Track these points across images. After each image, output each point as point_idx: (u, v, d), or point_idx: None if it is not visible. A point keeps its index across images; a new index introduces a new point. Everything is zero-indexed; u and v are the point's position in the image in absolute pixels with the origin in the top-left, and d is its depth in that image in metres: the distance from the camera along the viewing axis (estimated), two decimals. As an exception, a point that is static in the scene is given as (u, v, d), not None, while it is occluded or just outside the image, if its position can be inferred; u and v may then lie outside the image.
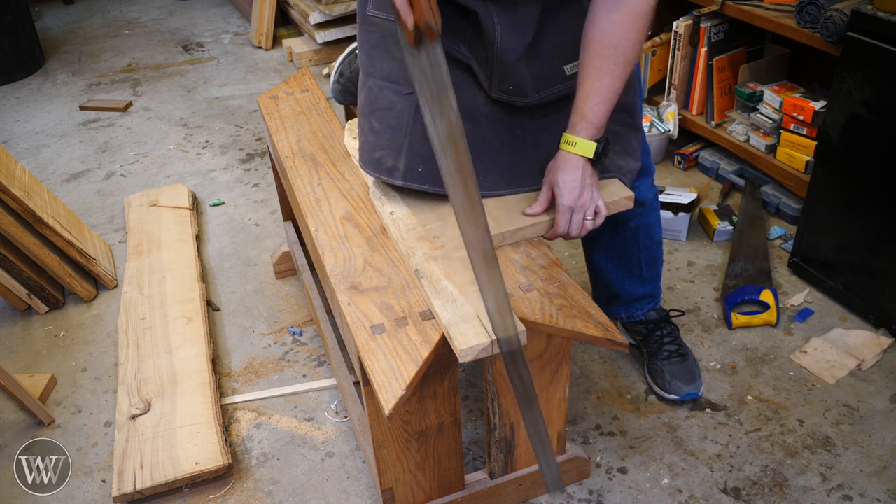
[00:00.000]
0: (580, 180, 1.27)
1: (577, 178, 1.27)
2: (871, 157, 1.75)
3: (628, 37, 1.22)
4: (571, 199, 1.28)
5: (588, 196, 1.29)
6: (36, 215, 2.03)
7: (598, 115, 1.26)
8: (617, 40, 1.22)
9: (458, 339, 1.11)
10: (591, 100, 1.25)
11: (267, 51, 3.80)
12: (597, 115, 1.25)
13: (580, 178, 1.27)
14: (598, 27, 1.22)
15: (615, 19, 1.21)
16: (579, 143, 1.26)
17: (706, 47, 2.36)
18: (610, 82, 1.24)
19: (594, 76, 1.24)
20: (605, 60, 1.23)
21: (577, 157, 1.27)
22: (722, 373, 1.78)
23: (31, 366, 1.94)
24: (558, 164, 1.29)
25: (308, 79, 2.02)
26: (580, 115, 1.26)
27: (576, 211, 1.29)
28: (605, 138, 1.28)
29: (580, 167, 1.27)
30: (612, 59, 1.23)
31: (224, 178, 2.73)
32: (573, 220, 1.30)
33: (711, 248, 2.19)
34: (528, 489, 1.50)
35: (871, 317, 1.88)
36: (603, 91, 1.24)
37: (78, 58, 3.87)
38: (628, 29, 1.22)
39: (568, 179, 1.27)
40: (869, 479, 1.52)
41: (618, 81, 1.25)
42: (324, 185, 1.54)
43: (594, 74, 1.24)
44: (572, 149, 1.27)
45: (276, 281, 2.19)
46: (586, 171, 1.28)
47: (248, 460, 1.65)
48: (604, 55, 1.23)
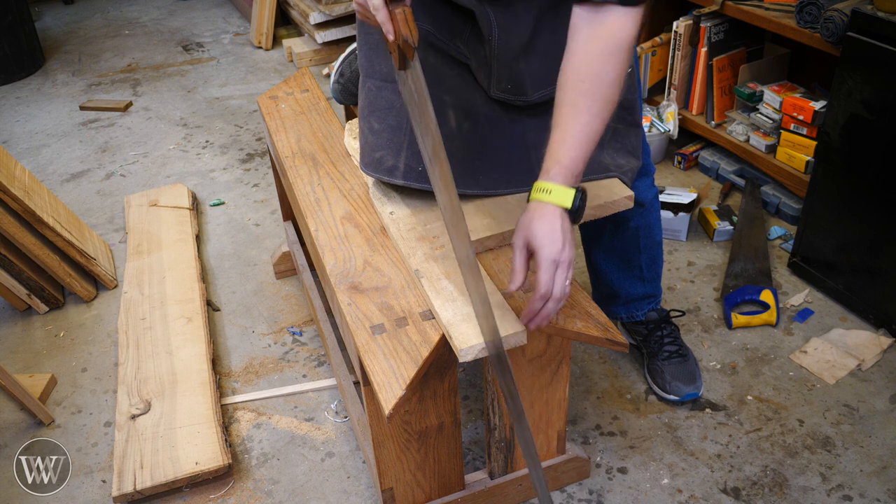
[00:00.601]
0: (560, 230, 1.09)
1: (557, 227, 1.08)
2: (871, 157, 1.75)
3: (605, 69, 1.10)
4: (556, 251, 1.08)
5: (571, 252, 1.10)
6: (36, 215, 2.03)
7: (575, 161, 1.11)
8: (594, 73, 1.10)
9: (458, 338, 1.11)
10: (567, 142, 1.11)
11: (267, 51, 3.80)
12: (573, 161, 1.11)
13: (559, 229, 1.09)
14: (574, 59, 1.12)
15: (591, 50, 1.11)
16: (555, 190, 1.10)
17: (706, 47, 2.36)
18: (587, 121, 1.11)
19: (569, 114, 1.11)
20: (582, 96, 1.11)
21: (552, 206, 1.10)
22: (722, 373, 1.78)
23: (31, 366, 1.94)
24: (532, 215, 1.10)
25: (308, 79, 2.02)
26: (554, 160, 1.11)
27: (560, 266, 1.09)
28: (581, 189, 1.12)
29: (558, 217, 1.09)
30: (589, 95, 1.10)
31: (224, 178, 2.73)
32: (557, 277, 1.09)
33: (711, 248, 2.19)
34: (528, 489, 1.50)
35: (871, 317, 1.88)
36: (579, 132, 1.11)
37: (78, 58, 3.87)
38: (605, 61, 1.11)
39: (547, 230, 1.08)
40: (869, 479, 1.52)
41: (595, 121, 1.11)
42: (324, 185, 1.54)
43: (569, 112, 1.11)
44: (547, 197, 1.10)
45: (276, 281, 2.19)
46: (564, 222, 1.10)
47: (248, 460, 1.65)
48: (579, 90, 1.11)
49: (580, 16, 1.13)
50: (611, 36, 1.11)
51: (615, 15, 1.10)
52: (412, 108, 1.11)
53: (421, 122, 1.08)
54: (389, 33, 1.07)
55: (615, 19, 1.10)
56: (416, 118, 1.10)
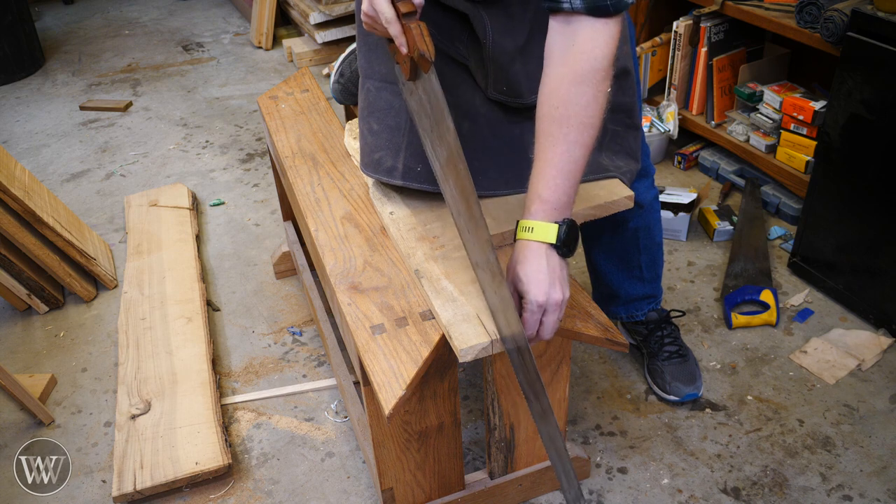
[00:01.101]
0: (546, 271, 1.05)
1: (543, 268, 1.05)
2: (870, 157, 1.75)
3: (580, 91, 1.05)
4: (542, 294, 1.05)
5: (562, 292, 1.06)
6: (36, 215, 2.03)
7: (556, 193, 1.06)
8: (566, 97, 1.05)
9: (458, 338, 1.11)
10: (545, 175, 1.06)
11: (267, 51, 3.80)
12: (554, 193, 1.06)
13: (546, 269, 1.05)
14: (547, 85, 1.08)
15: (563, 74, 1.06)
16: (537, 227, 1.06)
17: (706, 47, 2.36)
18: (564, 150, 1.05)
19: (546, 145, 1.07)
20: (556, 124, 1.06)
21: (536, 244, 1.06)
22: (722, 373, 1.78)
23: (31, 366, 1.94)
24: (516, 256, 1.08)
25: (308, 79, 2.02)
26: (535, 195, 1.08)
27: (548, 310, 1.06)
28: (568, 220, 1.08)
29: (543, 255, 1.06)
30: (564, 122, 1.05)
31: (224, 178, 2.73)
32: (545, 319, 1.07)
33: (711, 248, 2.19)
34: (528, 489, 1.50)
35: (871, 317, 1.88)
36: (557, 162, 1.06)
37: (78, 58, 3.87)
38: (578, 85, 1.05)
39: (531, 270, 1.05)
40: (869, 479, 1.52)
41: (574, 148, 1.06)
42: (324, 185, 1.54)
43: (546, 143, 1.07)
44: (529, 235, 1.07)
45: (276, 281, 2.19)
46: (552, 260, 1.06)
47: (248, 460, 1.65)
48: (553, 117, 1.06)
49: (554, 30, 1.09)
50: (582, 56, 1.06)
51: (586, 31, 1.06)
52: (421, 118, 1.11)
53: (434, 131, 1.08)
54: (403, 46, 1.07)
55: (587, 37, 1.06)
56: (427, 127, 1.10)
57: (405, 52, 1.08)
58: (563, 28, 1.08)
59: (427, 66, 1.06)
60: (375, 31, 1.12)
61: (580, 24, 1.06)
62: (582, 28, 1.06)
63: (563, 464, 1.18)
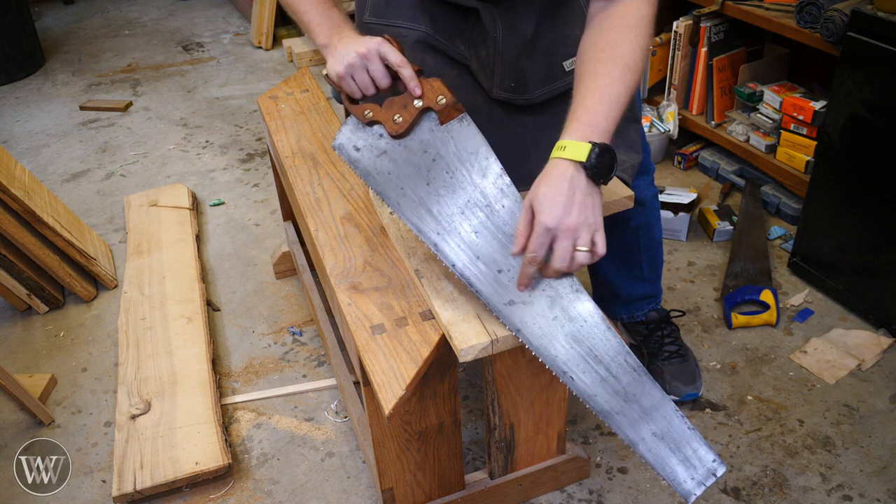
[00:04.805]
0: (566, 193, 1.00)
1: (563, 190, 1.00)
2: (871, 157, 1.75)
3: (626, 38, 1.09)
4: (553, 217, 1.00)
5: (578, 217, 1.01)
6: (36, 215, 2.03)
7: (595, 117, 1.05)
8: (613, 41, 1.09)
9: (458, 338, 1.11)
10: (586, 102, 1.06)
11: (267, 51, 3.80)
12: (592, 116, 1.05)
13: (566, 191, 1.00)
14: (591, 36, 1.13)
15: (608, 26, 1.12)
16: (570, 145, 1.03)
17: (706, 47, 2.36)
18: (607, 83, 1.06)
19: (589, 80, 1.08)
20: (601, 63, 1.08)
21: (565, 162, 1.02)
22: (722, 373, 1.78)
23: (31, 366, 1.94)
24: (542, 174, 1.05)
25: (308, 79, 2.02)
26: (573, 118, 1.07)
27: (559, 235, 1.01)
28: (603, 144, 1.03)
29: (568, 176, 1.01)
30: (610, 62, 1.07)
31: (224, 178, 2.73)
32: (557, 247, 1.02)
33: (711, 248, 2.19)
34: (528, 489, 1.51)
35: (871, 317, 1.88)
36: (599, 92, 1.06)
37: (78, 58, 3.87)
38: (625, 31, 1.10)
39: (550, 192, 1.01)
40: (869, 479, 1.52)
41: (617, 84, 1.06)
42: (324, 185, 1.54)
43: (589, 79, 1.08)
44: (561, 153, 1.04)
45: (276, 281, 2.19)
46: (576, 182, 1.01)
47: (248, 460, 1.65)
48: (599, 58, 1.08)
49: (596, 7, 1.15)
50: (627, 13, 1.11)
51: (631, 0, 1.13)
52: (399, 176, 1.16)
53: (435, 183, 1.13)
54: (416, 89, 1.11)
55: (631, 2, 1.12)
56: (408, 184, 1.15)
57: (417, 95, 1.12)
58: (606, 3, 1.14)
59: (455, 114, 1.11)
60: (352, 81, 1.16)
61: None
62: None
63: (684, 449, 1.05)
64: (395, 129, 1.16)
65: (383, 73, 1.15)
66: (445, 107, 1.10)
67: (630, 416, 1.04)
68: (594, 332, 1.06)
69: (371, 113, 1.17)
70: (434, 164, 1.15)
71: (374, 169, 1.19)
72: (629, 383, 1.04)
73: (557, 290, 1.08)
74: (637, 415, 1.04)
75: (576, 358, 1.05)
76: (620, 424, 1.04)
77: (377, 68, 1.15)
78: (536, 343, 1.07)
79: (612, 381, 1.05)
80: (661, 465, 1.03)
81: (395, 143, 1.17)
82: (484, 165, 1.11)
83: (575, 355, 1.06)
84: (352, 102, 1.19)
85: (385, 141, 1.18)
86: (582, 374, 1.05)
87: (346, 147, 1.21)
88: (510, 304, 1.09)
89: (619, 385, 1.04)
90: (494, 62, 1.28)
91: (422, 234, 1.15)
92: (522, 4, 1.24)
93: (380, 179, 1.18)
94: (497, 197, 1.10)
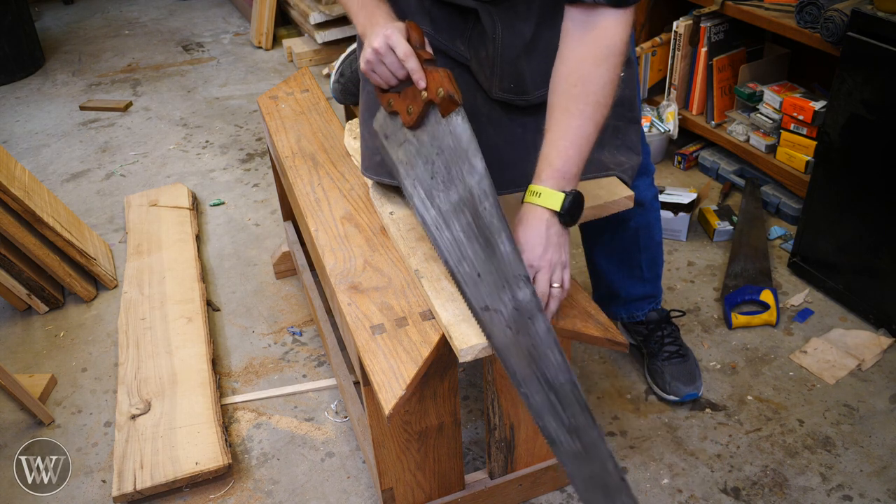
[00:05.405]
0: (544, 236, 1.11)
1: (542, 233, 1.11)
2: (871, 157, 1.75)
3: (598, 72, 1.11)
4: (534, 256, 1.11)
5: (553, 256, 1.11)
6: (36, 215, 2.03)
7: (567, 163, 1.11)
8: (584, 77, 1.11)
9: (458, 338, 1.11)
10: (558, 145, 1.11)
11: (267, 51, 3.80)
12: (565, 163, 1.11)
13: (544, 234, 1.11)
14: (565, 64, 1.13)
15: (583, 53, 1.12)
16: (544, 193, 1.11)
17: (706, 47, 2.36)
18: (579, 124, 1.11)
19: (560, 118, 1.12)
20: (573, 100, 1.11)
21: (541, 209, 1.11)
22: (722, 373, 1.78)
23: (31, 366, 1.94)
24: (519, 218, 1.14)
25: (308, 79, 2.02)
26: (546, 163, 1.12)
27: (539, 270, 1.11)
28: (574, 192, 1.12)
29: (544, 221, 1.11)
30: (581, 98, 1.11)
31: (224, 178, 2.73)
32: (539, 279, 1.12)
33: (711, 248, 2.19)
34: (528, 489, 1.50)
35: (871, 317, 1.88)
36: (572, 134, 1.11)
37: (78, 58, 3.87)
38: (597, 65, 1.11)
39: (530, 236, 1.11)
40: (869, 479, 1.52)
41: (588, 124, 1.11)
42: (324, 185, 1.54)
43: (560, 116, 1.12)
44: (536, 200, 1.12)
45: (276, 281, 2.19)
46: (552, 227, 1.11)
47: (248, 460, 1.65)
48: (571, 94, 1.11)
49: (572, 18, 1.14)
50: (601, 40, 1.11)
51: (606, 19, 1.11)
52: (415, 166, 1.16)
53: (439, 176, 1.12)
54: (421, 81, 1.11)
55: (606, 24, 1.11)
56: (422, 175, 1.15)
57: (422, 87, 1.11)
58: (582, 16, 1.13)
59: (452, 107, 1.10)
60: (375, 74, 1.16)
61: (601, 13, 1.11)
62: (602, 16, 1.11)
63: None
64: (408, 121, 1.16)
65: (398, 66, 1.15)
66: (443, 100, 1.10)
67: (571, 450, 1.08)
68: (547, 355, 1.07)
69: (392, 103, 1.18)
70: (437, 157, 1.15)
71: (397, 158, 1.21)
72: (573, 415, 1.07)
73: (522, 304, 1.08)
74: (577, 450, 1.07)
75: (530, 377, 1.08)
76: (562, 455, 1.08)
77: (392, 61, 1.14)
78: (501, 354, 1.10)
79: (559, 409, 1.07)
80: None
81: (412, 133, 1.18)
82: (472, 164, 1.11)
83: (530, 374, 1.08)
84: (381, 92, 1.21)
85: (404, 131, 1.19)
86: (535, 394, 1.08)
87: (379, 134, 1.24)
88: (485, 309, 1.11)
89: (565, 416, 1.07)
90: (494, 63, 1.28)
91: (426, 227, 1.17)
92: (522, 5, 1.24)
93: (400, 169, 1.21)
94: (480, 198, 1.10)
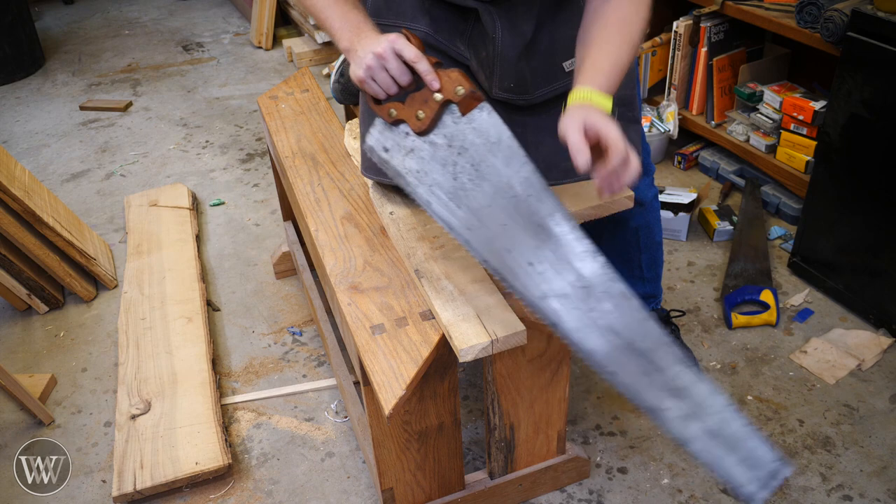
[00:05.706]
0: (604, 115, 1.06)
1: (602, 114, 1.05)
2: (871, 157, 1.75)
3: (638, 14, 1.15)
4: (620, 137, 1.04)
5: None
6: (36, 215, 2.03)
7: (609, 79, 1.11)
8: (626, 16, 1.14)
9: (458, 338, 1.11)
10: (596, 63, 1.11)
11: (267, 51, 3.80)
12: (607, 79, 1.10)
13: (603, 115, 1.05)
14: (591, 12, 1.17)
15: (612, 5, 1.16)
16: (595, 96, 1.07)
17: (706, 47, 2.36)
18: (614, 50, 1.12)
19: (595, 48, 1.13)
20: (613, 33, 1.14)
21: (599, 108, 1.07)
22: (722, 373, 1.78)
23: (31, 366, 1.94)
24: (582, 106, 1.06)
25: (308, 79, 2.02)
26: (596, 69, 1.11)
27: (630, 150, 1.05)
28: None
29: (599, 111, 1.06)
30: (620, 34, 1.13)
31: (224, 178, 2.73)
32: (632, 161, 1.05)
33: (711, 248, 2.19)
34: (528, 489, 1.50)
35: (871, 317, 1.88)
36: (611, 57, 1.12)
37: (78, 58, 3.86)
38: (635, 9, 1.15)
39: (590, 112, 1.05)
40: (869, 479, 1.52)
41: (624, 55, 1.13)
42: (324, 185, 1.54)
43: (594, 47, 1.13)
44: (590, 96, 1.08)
45: (276, 281, 2.19)
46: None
47: (248, 460, 1.65)
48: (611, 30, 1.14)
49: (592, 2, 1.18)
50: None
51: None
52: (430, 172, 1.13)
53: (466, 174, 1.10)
54: (434, 82, 1.09)
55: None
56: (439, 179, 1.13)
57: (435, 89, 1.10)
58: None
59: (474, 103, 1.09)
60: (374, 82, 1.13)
61: None
62: None
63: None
64: (419, 126, 1.13)
65: (402, 71, 1.12)
66: (465, 97, 1.08)
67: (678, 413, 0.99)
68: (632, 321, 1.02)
69: (395, 112, 1.14)
70: (459, 157, 1.13)
71: (403, 168, 1.16)
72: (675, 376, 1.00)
73: (591, 280, 1.05)
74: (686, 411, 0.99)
75: (615, 351, 1.02)
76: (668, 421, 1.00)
77: (395, 66, 1.11)
78: (574, 338, 1.04)
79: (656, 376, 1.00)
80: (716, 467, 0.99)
81: (421, 140, 1.14)
82: (508, 154, 1.09)
83: (614, 348, 1.02)
84: (376, 103, 1.16)
85: (411, 139, 1.15)
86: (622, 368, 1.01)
87: (376, 149, 1.19)
88: (544, 297, 1.05)
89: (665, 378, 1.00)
90: (494, 62, 1.28)
91: (453, 231, 1.12)
92: (522, 5, 1.24)
93: (410, 179, 1.16)
94: (523, 185, 1.08)
